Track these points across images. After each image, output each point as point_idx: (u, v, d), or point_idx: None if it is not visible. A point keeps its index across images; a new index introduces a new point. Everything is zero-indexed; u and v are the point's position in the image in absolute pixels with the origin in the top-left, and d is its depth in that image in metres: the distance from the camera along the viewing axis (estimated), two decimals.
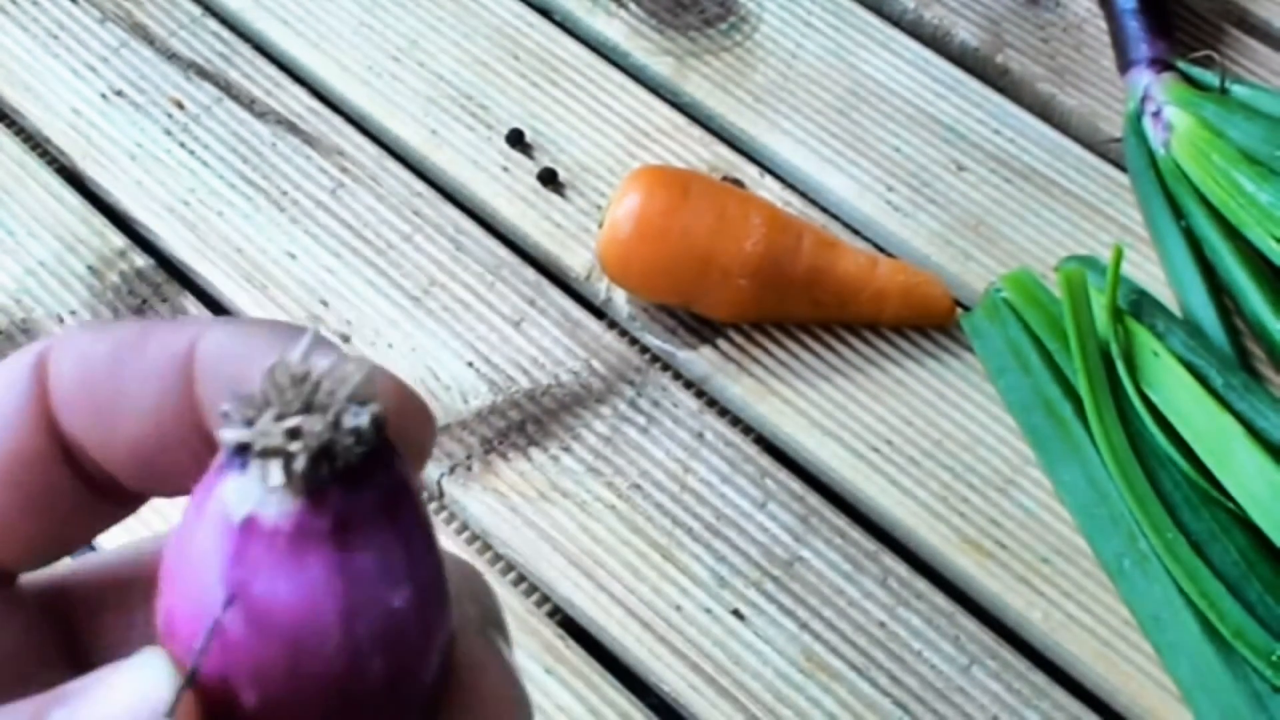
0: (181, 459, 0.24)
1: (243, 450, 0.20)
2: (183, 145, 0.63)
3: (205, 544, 0.21)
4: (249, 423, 0.20)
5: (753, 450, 0.55)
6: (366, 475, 0.21)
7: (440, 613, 0.22)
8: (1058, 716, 0.49)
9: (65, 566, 0.27)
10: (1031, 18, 0.65)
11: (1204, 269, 0.56)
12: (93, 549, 0.28)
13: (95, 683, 0.21)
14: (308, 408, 0.20)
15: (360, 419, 0.20)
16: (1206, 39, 0.64)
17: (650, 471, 0.55)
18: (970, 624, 0.51)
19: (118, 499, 0.25)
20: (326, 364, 0.21)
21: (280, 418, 0.20)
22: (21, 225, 0.61)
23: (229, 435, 0.20)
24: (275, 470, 0.20)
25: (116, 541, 0.28)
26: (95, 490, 0.25)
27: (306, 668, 0.21)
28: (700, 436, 0.55)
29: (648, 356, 0.57)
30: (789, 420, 0.55)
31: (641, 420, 0.56)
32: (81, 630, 0.26)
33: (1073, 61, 0.64)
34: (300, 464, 0.20)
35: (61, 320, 0.59)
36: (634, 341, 0.58)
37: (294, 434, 0.20)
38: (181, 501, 0.22)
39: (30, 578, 0.26)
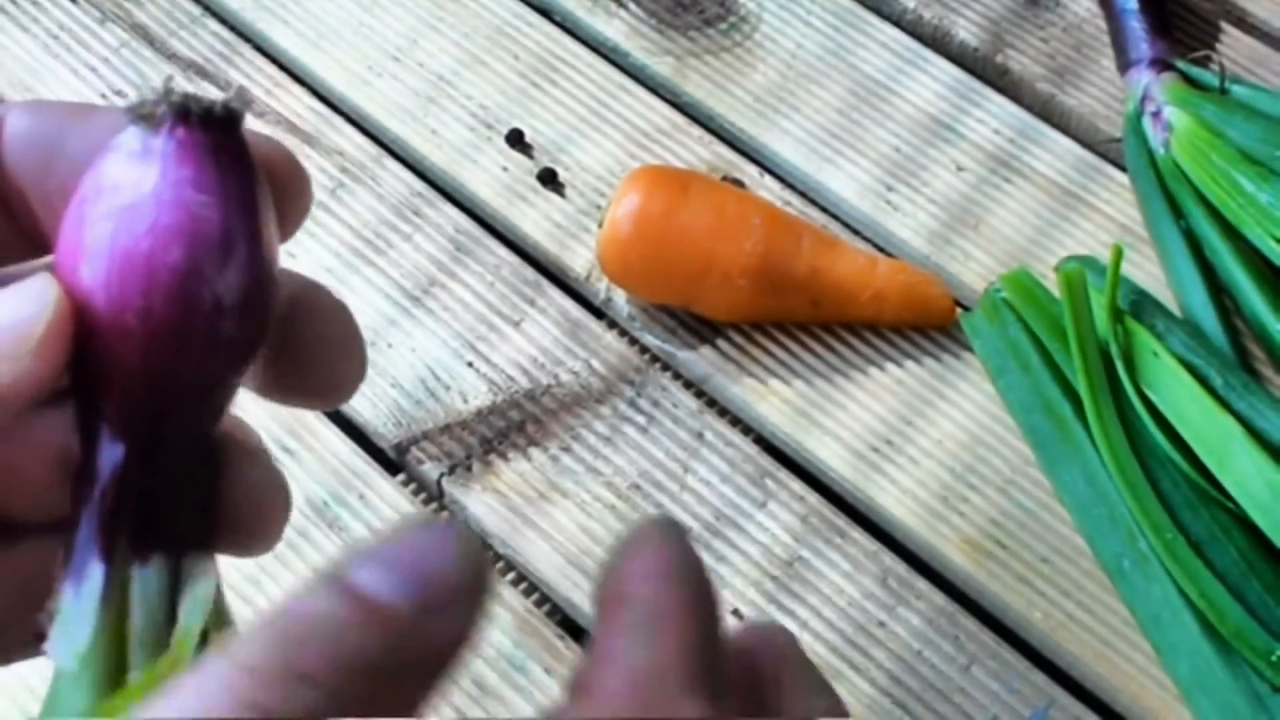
0: None
1: (130, 114, 0.29)
2: None
3: (88, 178, 0.29)
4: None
5: (753, 450, 0.55)
6: (209, 132, 0.28)
7: (246, 241, 0.28)
8: (1058, 716, 0.49)
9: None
10: (1031, 18, 0.65)
11: (1204, 269, 0.56)
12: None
13: None
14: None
15: (214, 102, 0.28)
16: (1206, 39, 0.64)
17: (650, 471, 0.55)
18: (970, 624, 0.51)
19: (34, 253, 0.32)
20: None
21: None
22: None
23: (128, 106, 0.29)
24: (145, 112, 0.28)
25: None
26: (22, 236, 0.31)
27: (124, 242, 0.28)
28: (700, 436, 0.55)
29: (648, 356, 0.57)
30: (789, 420, 0.55)
31: (641, 420, 0.56)
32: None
33: (1073, 61, 0.64)
34: (161, 108, 0.28)
35: None
36: (634, 341, 0.58)
37: (167, 95, 0.28)
38: None
39: None
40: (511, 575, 0.54)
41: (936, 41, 0.65)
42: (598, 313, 0.59)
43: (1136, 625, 0.50)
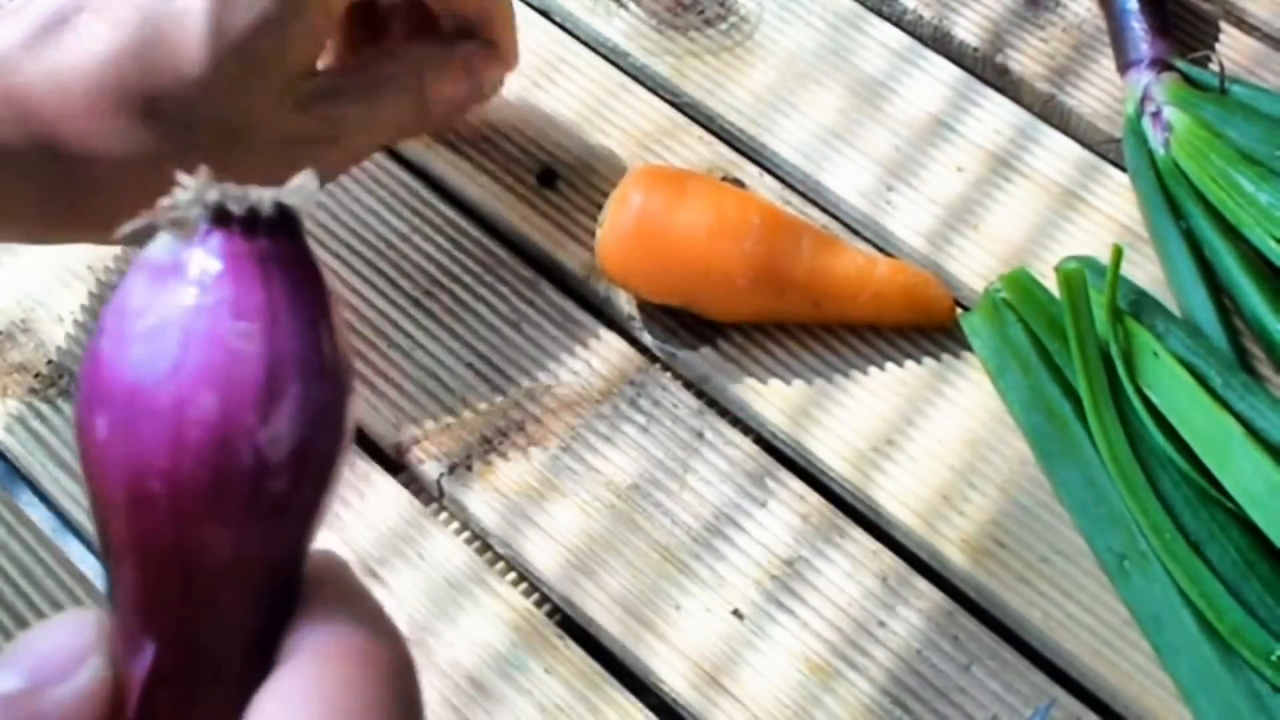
0: None
1: (162, 216, 0.23)
2: None
3: (111, 302, 0.23)
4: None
5: (753, 450, 0.55)
6: (253, 239, 0.23)
7: (299, 378, 0.23)
8: (1057, 716, 0.50)
9: None
10: (1031, 18, 0.65)
11: (1204, 269, 0.56)
12: None
13: (27, 637, 0.24)
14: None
15: (262, 199, 0.23)
16: (1206, 39, 0.64)
17: (650, 471, 0.55)
18: (970, 624, 0.51)
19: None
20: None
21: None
22: None
23: (160, 206, 0.23)
24: (174, 220, 0.23)
25: None
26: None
27: (144, 388, 0.22)
28: (700, 436, 0.55)
29: (648, 356, 0.58)
30: (789, 420, 0.55)
31: (641, 420, 0.56)
32: None
33: (1073, 61, 0.64)
34: (195, 210, 0.23)
35: (61, 320, 0.59)
36: (634, 341, 0.58)
37: (201, 194, 0.23)
38: None
39: None
40: (512, 575, 0.54)
41: (936, 41, 0.65)
42: (598, 312, 0.59)
43: (1136, 625, 0.50)
